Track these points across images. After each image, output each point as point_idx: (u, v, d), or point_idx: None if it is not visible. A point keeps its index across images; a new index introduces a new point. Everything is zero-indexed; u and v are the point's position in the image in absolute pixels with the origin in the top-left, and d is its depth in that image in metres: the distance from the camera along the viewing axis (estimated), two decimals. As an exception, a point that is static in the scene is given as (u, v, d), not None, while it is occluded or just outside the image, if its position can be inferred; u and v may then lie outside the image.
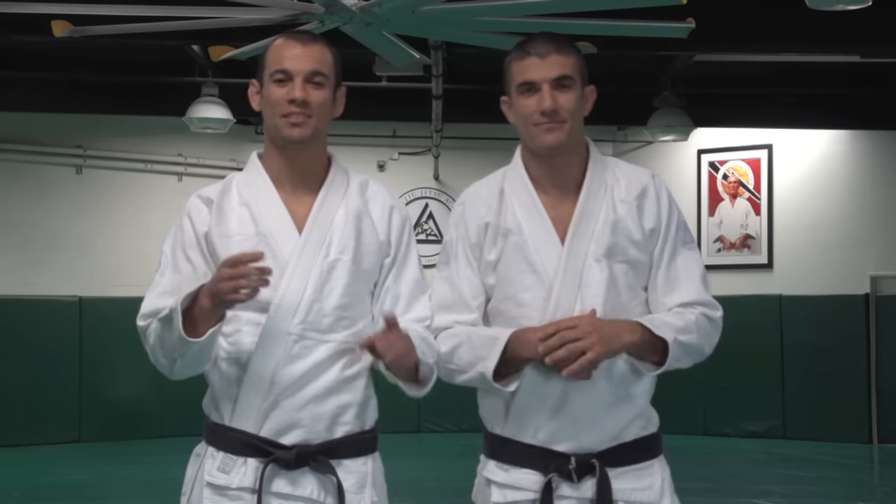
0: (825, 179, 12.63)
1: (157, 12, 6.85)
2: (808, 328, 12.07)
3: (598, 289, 2.64)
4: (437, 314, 2.78)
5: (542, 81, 2.69)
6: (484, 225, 2.76)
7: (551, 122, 2.69)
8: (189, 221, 2.72)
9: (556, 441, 2.66)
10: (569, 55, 2.71)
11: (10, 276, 11.88)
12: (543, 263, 2.67)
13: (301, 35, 2.79)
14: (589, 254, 2.66)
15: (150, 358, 2.69)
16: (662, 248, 2.72)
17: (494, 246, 2.73)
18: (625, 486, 2.66)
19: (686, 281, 2.71)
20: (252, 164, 2.80)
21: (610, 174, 2.76)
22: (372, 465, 2.74)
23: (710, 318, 2.71)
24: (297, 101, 2.67)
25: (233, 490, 2.63)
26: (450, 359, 2.73)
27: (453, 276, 2.78)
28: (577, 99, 2.71)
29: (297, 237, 2.68)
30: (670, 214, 2.74)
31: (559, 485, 2.65)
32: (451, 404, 12.27)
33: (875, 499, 9.32)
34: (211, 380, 2.71)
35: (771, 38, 8.74)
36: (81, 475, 9.91)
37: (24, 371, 11.40)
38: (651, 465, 2.72)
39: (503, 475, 2.72)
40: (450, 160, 13.22)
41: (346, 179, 2.79)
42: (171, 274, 2.70)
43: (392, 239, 2.78)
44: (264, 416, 2.63)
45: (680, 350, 2.64)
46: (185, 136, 12.00)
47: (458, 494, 8.26)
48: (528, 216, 2.72)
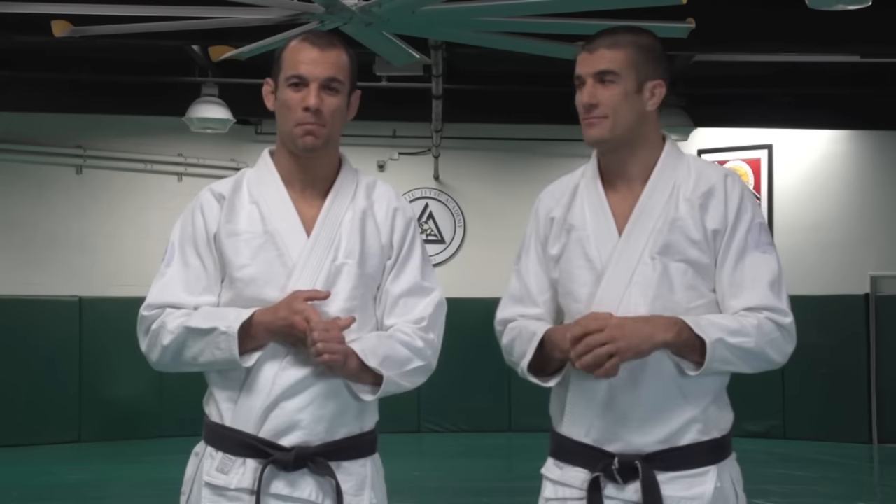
0: (825, 179, 12.63)
1: (157, 12, 6.84)
2: (808, 328, 11.90)
3: (648, 286, 2.61)
4: (506, 305, 2.80)
5: (585, 75, 2.68)
6: (550, 219, 2.77)
7: (591, 117, 2.67)
8: (201, 217, 2.71)
9: (606, 441, 2.64)
10: (618, 50, 2.67)
11: (10, 275, 11.88)
12: (601, 258, 2.66)
13: (319, 38, 2.74)
14: (645, 251, 2.63)
15: (144, 349, 2.69)
16: (727, 249, 2.65)
17: (558, 241, 2.73)
18: (674, 494, 2.60)
19: (753, 285, 2.63)
20: (263, 162, 2.78)
21: (683, 171, 2.71)
22: (371, 466, 2.73)
23: (778, 323, 2.63)
24: (311, 108, 2.64)
25: (231, 490, 2.63)
26: (508, 352, 2.77)
27: (523, 269, 2.80)
28: (621, 94, 2.65)
29: (304, 239, 2.67)
30: (739, 216, 2.66)
31: (606, 485, 2.63)
32: (451, 404, 12.31)
33: (875, 499, 9.32)
34: (211, 380, 2.70)
35: (771, 37, 8.74)
36: (81, 475, 9.90)
37: (24, 371, 11.39)
38: (706, 472, 2.64)
39: (558, 472, 2.72)
40: (450, 160, 13.21)
41: (356, 181, 2.78)
42: (179, 267, 2.69)
43: (394, 241, 2.76)
44: (264, 417, 2.61)
45: (728, 352, 2.56)
46: (185, 136, 12.00)
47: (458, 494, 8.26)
48: (592, 212, 2.71)
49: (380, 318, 2.73)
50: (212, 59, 8.94)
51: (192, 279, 2.66)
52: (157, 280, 2.70)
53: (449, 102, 10.67)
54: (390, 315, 2.72)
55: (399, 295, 2.73)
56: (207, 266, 2.68)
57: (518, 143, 12.84)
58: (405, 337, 2.68)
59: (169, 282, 2.68)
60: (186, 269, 2.69)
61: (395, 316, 2.72)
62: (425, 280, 2.76)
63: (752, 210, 2.69)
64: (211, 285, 2.68)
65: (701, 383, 2.63)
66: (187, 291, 2.67)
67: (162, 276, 2.69)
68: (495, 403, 12.28)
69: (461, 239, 13.37)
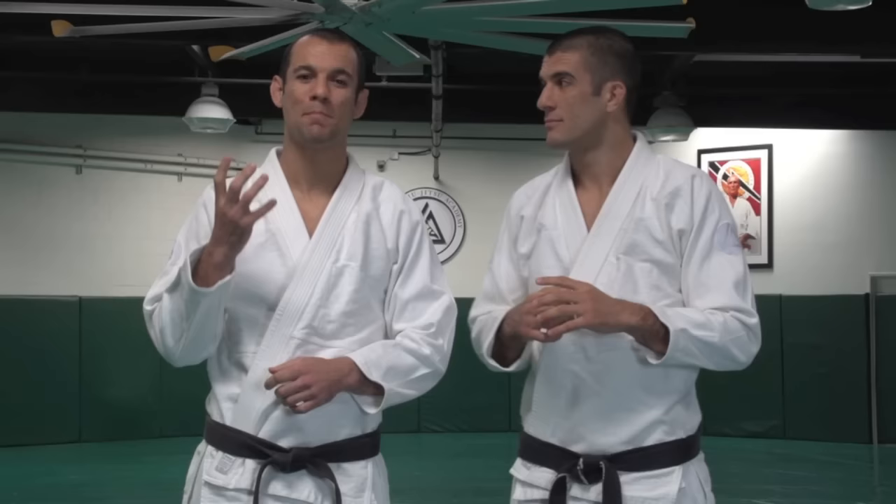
0: (825, 179, 12.63)
1: (157, 12, 6.84)
2: (808, 328, 12.06)
3: (612, 285, 2.61)
4: (479, 304, 2.83)
5: (545, 77, 2.72)
6: (521, 217, 2.79)
7: (549, 120, 2.70)
8: (205, 213, 2.69)
9: (571, 441, 2.65)
10: (573, 52, 2.69)
11: (10, 275, 11.87)
12: (570, 257, 2.67)
13: (328, 33, 2.76)
14: (610, 250, 2.64)
15: (157, 342, 2.64)
16: (692, 250, 2.64)
17: (528, 239, 2.74)
18: (637, 494, 2.60)
19: (718, 286, 2.61)
20: (269, 162, 2.77)
21: (652, 171, 2.71)
22: (372, 468, 2.70)
23: (745, 323, 2.61)
24: (319, 97, 2.63)
25: (230, 490, 2.62)
26: (477, 345, 2.78)
27: (495, 268, 2.82)
28: (577, 96, 2.67)
29: (306, 239, 2.66)
30: (705, 216, 2.65)
31: (571, 486, 2.64)
32: (451, 404, 12.31)
33: (875, 499, 9.33)
34: (213, 378, 2.70)
35: (771, 38, 8.74)
36: (81, 475, 9.91)
37: (24, 371, 11.39)
38: (671, 472, 2.63)
39: (525, 473, 2.73)
40: (450, 160, 13.22)
41: (362, 181, 2.76)
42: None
43: (400, 245, 2.73)
44: (264, 417, 2.60)
45: (691, 343, 2.55)
46: (185, 136, 12.00)
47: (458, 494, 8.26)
48: (563, 211, 2.72)
49: (389, 322, 2.71)
50: (212, 59, 8.95)
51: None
52: (159, 278, 2.68)
53: (449, 102, 10.66)
54: (399, 320, 2.70)
55: (407, 300, 2.70)
56: None
57: (518, 143, 12.84)
58: (412, 344, 2.66)
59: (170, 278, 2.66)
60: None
61: (403, 321, 2.69)
62: (434, 283, 2.73)
63: (718, 211, 2.68)
64: None
65: (667, 383, 2.63)
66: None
67: (165, 273, 2.67)
68: (495, 403, 12.27)
69: (461, 239, 13.38)
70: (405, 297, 2.70)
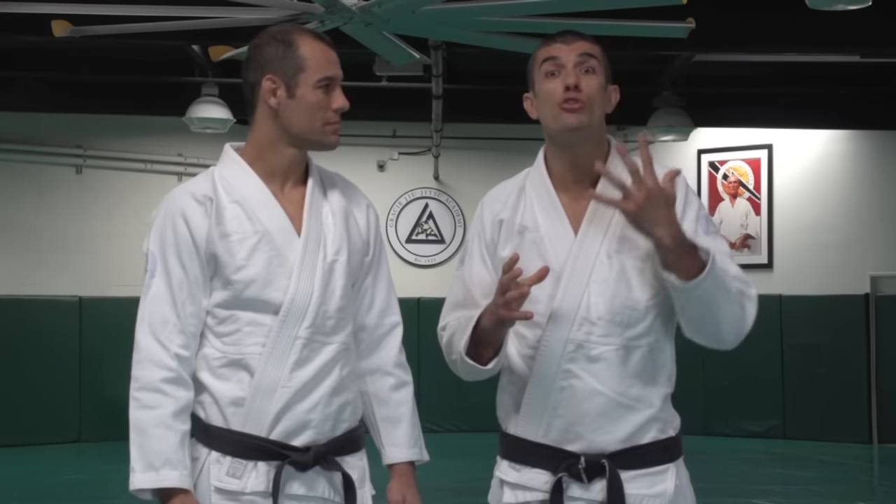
0: (825, 179, 12.63)
1: (157, 12, 6.85)
2: (808, 328, 12.06)
3: (606, 285, 2.61)
4: (449, 312, 2.77)
5: (567, 61, 2.67)
6: (499, 222, 2.75)
7: (574, 103, 2.63)
8: (184, 223, 2.64)
9: (566, 441, 2.64)
10: (594, 43, 2.71)
11: (10, 275, 11.88)
12: (558, 258, 2.65)
13: (324, 36, 2.73)
14: (601, 250, 2.64)
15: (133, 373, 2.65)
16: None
17: (509, 242, 2.71)
18: (636, 492, 2.62)
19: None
20: (231, 159, 2.74)
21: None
22: (366, 459, 2.78)
23: (746, 287, 2.59)
24: (342, 109, 2.67)
25: (246, 495, 2.60)
26: (448, 351, 2.73)
27: (466, 274, 2.77)
28: (600, 87, 2.67)
29: (296, 237, 2.65)
30: (685, 208, 2.65)
31: (569, 485, 2.62)
32: (451, 404, 12.30)
33: (875, 499, 9.33)
34: (207, 383, 2.64)
35: (771, 38, 8.75)
36: (81, 475, 9.91)
37: (24, 371, 11.40)
38: (666, 469, 2.67)
39: (515, 475, 2.71)
40: (450, 160, 13.22)
41: (318, 172, 2.77)
42: (161, 277, 2.63)
43: (371, 237, 2.78)
44: (276, 420, 2.60)
45: (722, 274, 2.51)
46: (185, 136, 12.00)
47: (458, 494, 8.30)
48: (545, 212, 2.70)
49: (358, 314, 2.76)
50: (212, 59, 8.94)
51: (175, 288, 2.61)
52: (144, 293, 2.64)
53: (449, 102, 10.67)
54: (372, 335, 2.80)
55: (383, 296, 2.80)
56: (190, 273, 2.62)
57: (518, 143, 12.80)
58: (406, 395, 2.84)
59: (155, 296, 2.63)
60: (168, 278, 2.62)
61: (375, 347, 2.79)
62: (390, 296, 2.83)
63: (696, 204, 2.70)
64: (195, 293, 2.63)
65: (658, 383, 2.66)
66: (171, 304, 2.61)
67: (148, 287, 2.64)
68: (495, 403, 12.28)
69: (461, 239, 13.39)
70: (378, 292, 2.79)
